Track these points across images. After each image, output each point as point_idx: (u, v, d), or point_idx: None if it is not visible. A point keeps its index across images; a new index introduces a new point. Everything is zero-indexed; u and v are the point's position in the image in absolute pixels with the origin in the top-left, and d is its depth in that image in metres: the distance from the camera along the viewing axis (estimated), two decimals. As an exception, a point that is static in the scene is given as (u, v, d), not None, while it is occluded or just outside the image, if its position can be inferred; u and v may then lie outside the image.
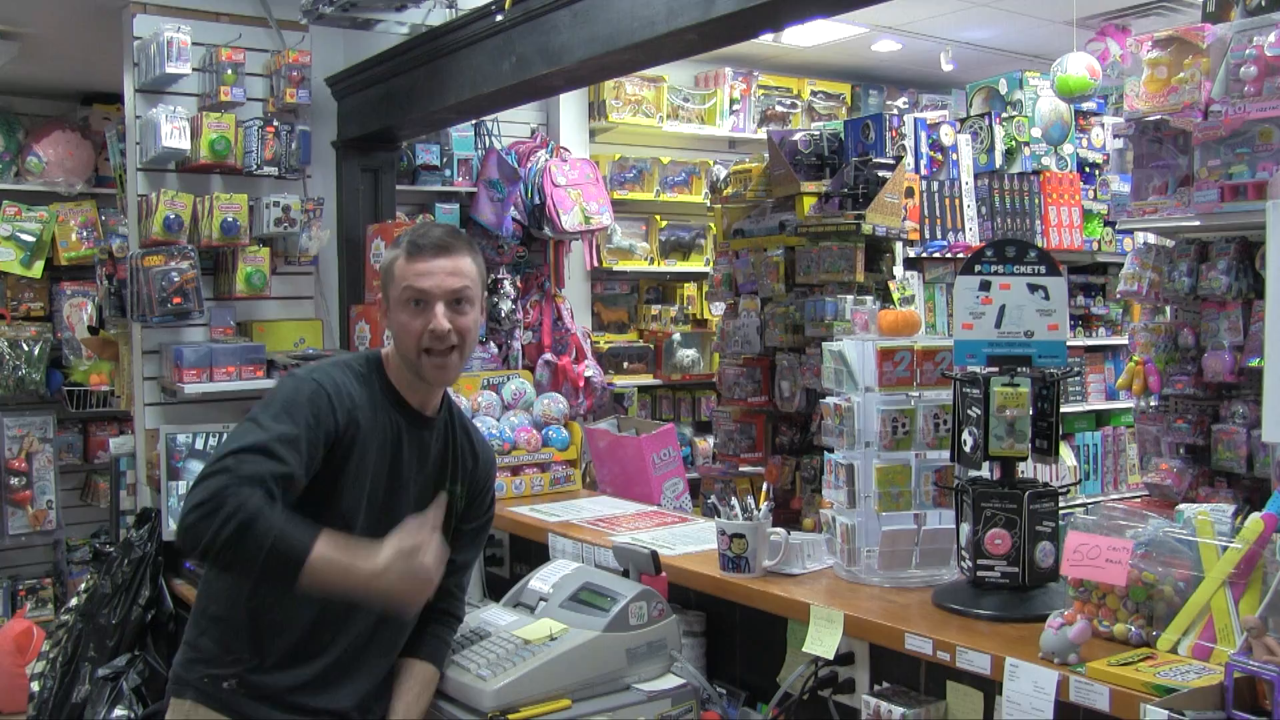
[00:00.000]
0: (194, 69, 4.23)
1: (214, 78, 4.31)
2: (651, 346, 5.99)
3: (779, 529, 2.59)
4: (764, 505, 2.61)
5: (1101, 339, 5.49)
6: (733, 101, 6.14)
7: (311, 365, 2.30)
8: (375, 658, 2.23)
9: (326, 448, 2.08)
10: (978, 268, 2.28)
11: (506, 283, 5.28)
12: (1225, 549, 1.88)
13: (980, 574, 2.22)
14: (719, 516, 2.61)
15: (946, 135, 4.73)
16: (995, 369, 2.26)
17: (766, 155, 4.61)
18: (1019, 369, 2.25)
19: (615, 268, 5.78)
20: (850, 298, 4.18)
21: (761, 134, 5.87)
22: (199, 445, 4.21)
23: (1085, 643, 1.91)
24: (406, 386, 2.25)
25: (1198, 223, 3.29)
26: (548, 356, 5.27)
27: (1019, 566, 2.19)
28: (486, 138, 5.28)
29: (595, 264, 5.63)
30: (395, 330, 2.21)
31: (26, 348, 5.71)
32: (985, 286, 2.27)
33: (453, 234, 2.23)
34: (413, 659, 2.27)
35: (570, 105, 5.56)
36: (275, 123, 4.45)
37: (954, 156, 4.76)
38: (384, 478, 2.19)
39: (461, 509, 2.36)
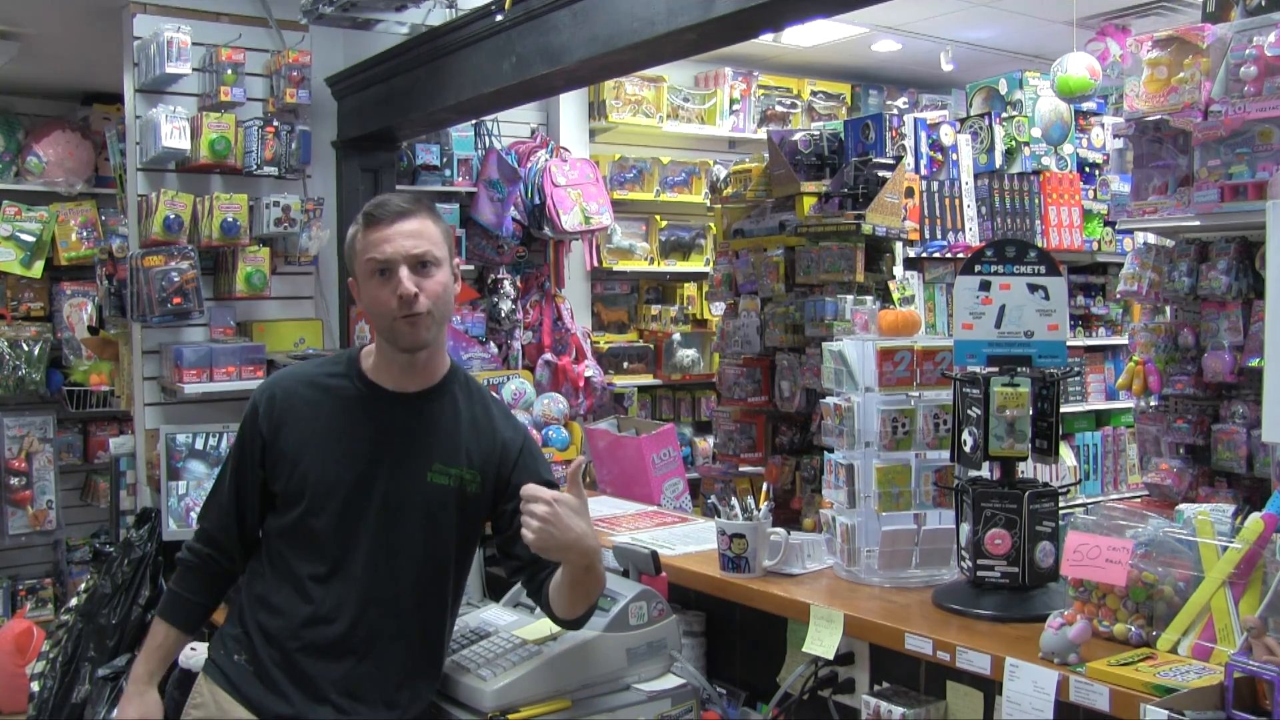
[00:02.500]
0: (194, 69, 4.23)
1: (214, 78, 4.31)
2: (651, 346, 5.99)
3: (779, 529, 2.59)
4: (764, 505, 2.61)
5: (1101, 339, 5.48)
6: (733, 101, 6.14)
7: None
8: (381, 649, 2.17)
9: (264, 451, 2.22)
10: (978, 268, 2.28)
11: (506, 283, 5.28)
12: (1225, 549, 1.88)
13: (980, 574, 2.22)
14: (719, 516, 2.61)
15: (946, 135, 4.73)
16: (995, 369, 2.26)
17: (766, 155, 4.61)
18: (1019, 369, 2.25)
19: (615, 268, 5.78)
20: (850, 298, 4.18)
21: (761, 134, 5.87)
22: (199, 445, 4.21)
23: (1085, 643, 1.91)
24: (382, 369, 2.23)
25: (1198, 223, 3.29)
26: (548, 356, 5.27)
27: (1019, 566, 2.19)
28: (486, 138, 5.27)
29: (595, 264, 5.63)
30: (367, 305, 2.18)
31: (26, 348, 5.70)
32: (985, 286, 2.27)
33: (410, 199, 2.19)
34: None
35: (570, 105, 5.55)
36: (275, 123, 4.45)
37: (954, 156, 4.76)
38: (349, 457, 2.17)
39: (484, 492, 2.24)
